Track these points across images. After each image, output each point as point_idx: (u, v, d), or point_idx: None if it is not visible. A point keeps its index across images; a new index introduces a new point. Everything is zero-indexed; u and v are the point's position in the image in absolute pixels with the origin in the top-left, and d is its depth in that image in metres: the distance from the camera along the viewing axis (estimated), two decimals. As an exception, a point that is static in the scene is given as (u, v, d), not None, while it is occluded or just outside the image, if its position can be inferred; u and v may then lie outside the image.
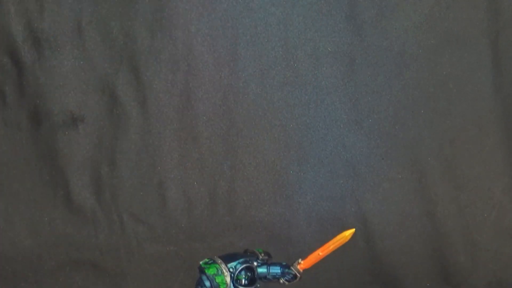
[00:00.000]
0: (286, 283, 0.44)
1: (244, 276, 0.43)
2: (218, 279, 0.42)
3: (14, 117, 0.72)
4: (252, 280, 0.43)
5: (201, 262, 0.44)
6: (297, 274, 0.43)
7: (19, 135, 0.72)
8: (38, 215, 0.73)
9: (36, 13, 0.69)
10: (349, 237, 0.43)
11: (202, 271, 0.43)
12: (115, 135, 0.72)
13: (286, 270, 0.44)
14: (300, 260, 0.44)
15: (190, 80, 0.71)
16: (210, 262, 0.43)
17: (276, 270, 0.44)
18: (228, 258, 0.44)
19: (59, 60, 0.70)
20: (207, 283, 0.43)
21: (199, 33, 0.70)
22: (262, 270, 0.44)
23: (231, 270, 0.42)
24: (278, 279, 0.44)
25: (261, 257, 0.44)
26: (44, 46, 0.69)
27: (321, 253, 0.43)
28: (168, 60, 0.70)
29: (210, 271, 0.42)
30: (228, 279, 0.42)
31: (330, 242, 0.43)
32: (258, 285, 0.44)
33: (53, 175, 0.73)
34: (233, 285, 0.43)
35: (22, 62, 0.70)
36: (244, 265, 0.43)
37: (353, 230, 0.42)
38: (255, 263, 0.44)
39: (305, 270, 0.44)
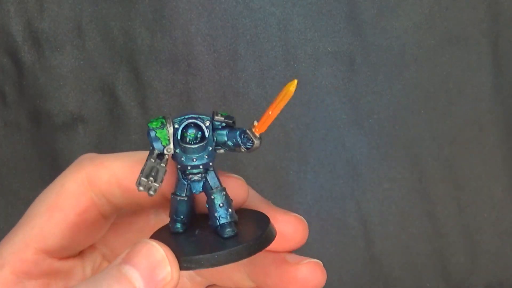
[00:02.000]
0: (246, 150, 0.37)
1: (192, 134, 0.36)
2: (159, 133, 0.35)
3: (14, 117, 0.71)
4: (201, 141, 0.36)
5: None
6: (253, 139, 0.37)
7: (19, 135, 0.72)
8: (38, 215, 0.73)
9: (36, 13, 0.69)
10: (293, 90, 0.37)
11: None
12: (115, 135, 0.72)
13: (243, 134, 0.36)
14: (255, 123, 0.37)
15: (190, 80, 0.71)
16: (158, 117, 0.36)
17: (235, 134, 0.37)
18: (178, 115, 0.36)
19: (59, 60, 0.70)
20: (155, 144, 0.35)
21: (199, 33, 0.70)
22: (220, 137, 0.36)
23: (175, 126, 0.35)
24: (240, 146, 0.37)
25: (217, 117, 0.36)
26: (44, 46, 0.69)
27: (271, 112, 0.36)
28: (168, 60, 0.70)
29: (154, 124, 0.35)
30: (171, 133, 0.35)
31: (277, 99, 0.36)
32: (211, 149, 0.36)
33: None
34: (178, 142, 0.35)
35: (22, 62, 0.70)
36: (189, 121, 0.35)
37: (295, 81, 0.36)
38: (207, 122, 0.36)
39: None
